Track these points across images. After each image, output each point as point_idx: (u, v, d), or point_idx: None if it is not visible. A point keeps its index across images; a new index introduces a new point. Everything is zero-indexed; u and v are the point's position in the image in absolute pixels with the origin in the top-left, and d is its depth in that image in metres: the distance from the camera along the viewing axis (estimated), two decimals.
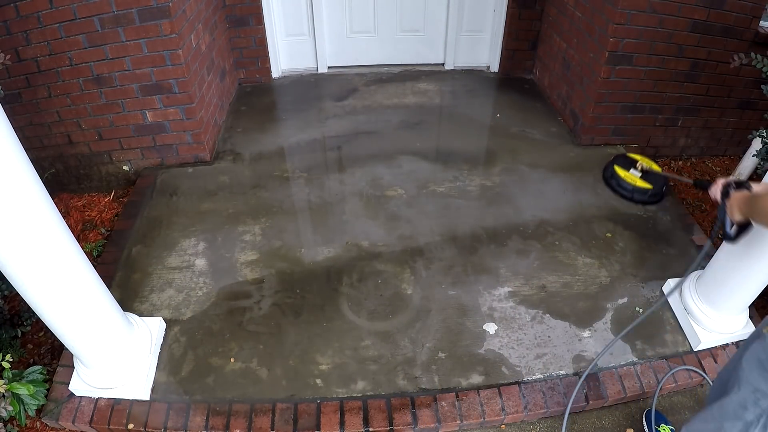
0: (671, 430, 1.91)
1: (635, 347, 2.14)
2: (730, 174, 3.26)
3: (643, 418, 1.98)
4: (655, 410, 1.99)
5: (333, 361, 2.07)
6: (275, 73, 4.03)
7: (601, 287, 2.38)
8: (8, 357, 1.64)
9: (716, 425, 1.33)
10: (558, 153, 3.24)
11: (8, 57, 2.07)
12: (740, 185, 1.53)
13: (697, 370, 2.06)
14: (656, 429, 1.91)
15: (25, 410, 1.75)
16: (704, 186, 1.77)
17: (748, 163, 3.11)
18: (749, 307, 2.14)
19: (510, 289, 2.36)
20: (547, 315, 2.25)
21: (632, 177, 2.91)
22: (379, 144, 3.31)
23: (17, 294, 1.61)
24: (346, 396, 1.96)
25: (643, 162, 2.96)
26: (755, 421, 1.25)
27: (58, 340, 1.82)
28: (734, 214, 1.46)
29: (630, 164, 2.97)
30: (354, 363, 2.07)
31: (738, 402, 1.29)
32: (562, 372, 2.05)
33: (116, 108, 2.83)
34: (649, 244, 2.59)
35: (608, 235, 2.64)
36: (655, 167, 2.95)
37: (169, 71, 2.73)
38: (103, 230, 2.80)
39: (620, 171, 2.94)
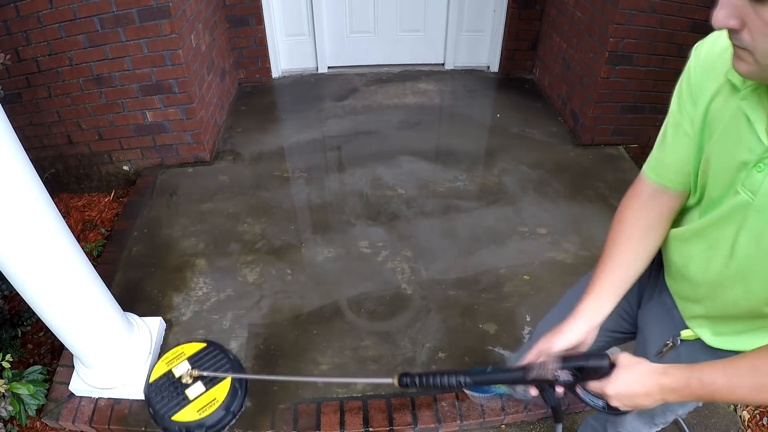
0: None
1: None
2: None
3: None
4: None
5: (333, 361, 2.07)
6: (275, 73, 4.03)
7: None
8: (8, 357, 1.64)
9: None
10: (558, 153, 3.24)
11: (8, 57, 2.06)
12: (574, 366, 0.93)
13: None
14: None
15: (26, 410, 1.74)
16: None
17: None
18: None
19: (510, 289, 2.36)
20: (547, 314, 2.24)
21: (189, 409, 1.72)
22: (379, 144, 3.31)
23: (17, 294, 1.61)
24: (346, 396, 1.96)
25: (180, 359, 1.84)
26: None
27: (58, 340, 1.82)
28: (635, 401, 0.95)
29: (171, 382, 1.80)
30: (354, 363, 2.06)
31: None
32: None
33: (116, 108, 2.83)
34: None
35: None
36: (195, 346, 1.88)
37: (169, 71, 2.73)
38: (103, 230, 2.80)
39: (181, 418, 1.71)
